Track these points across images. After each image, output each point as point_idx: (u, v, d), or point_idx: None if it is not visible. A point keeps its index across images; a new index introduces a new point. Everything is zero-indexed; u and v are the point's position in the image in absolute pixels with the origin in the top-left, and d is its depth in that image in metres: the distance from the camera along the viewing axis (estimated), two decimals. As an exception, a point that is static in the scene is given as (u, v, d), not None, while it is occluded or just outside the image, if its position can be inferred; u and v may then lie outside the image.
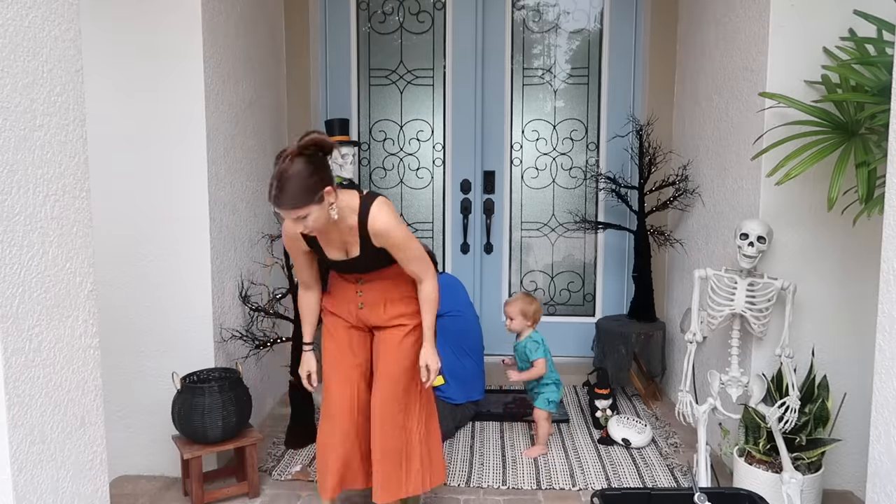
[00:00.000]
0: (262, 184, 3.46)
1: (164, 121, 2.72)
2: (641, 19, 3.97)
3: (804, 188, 2.64)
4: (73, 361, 1.60)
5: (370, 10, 4.07)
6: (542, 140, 4.10)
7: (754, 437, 2.55)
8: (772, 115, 2.64)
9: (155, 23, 2.67)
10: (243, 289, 3.11)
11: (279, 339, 3.13)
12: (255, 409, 3.11)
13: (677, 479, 2.83)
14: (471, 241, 4.14)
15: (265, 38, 3.52)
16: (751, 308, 2.60)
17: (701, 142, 3.41)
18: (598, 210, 4.13)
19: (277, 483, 2.82)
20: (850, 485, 2.72)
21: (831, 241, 2.66)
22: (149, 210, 2.75)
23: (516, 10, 4.03)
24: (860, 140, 2.33)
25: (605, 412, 3.37)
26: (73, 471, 1.61)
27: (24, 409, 1.43)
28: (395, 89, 4.12)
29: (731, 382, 2.65)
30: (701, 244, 3.37)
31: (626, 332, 3.63)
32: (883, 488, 1.78)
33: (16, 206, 1.39)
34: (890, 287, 1.74)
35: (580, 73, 4.06)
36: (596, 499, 2.03)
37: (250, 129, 3.28)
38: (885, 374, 1.77)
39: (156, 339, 2.81)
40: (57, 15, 1.52)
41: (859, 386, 2.64)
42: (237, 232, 3.10)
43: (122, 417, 2.83)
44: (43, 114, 1.48)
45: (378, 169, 4.17)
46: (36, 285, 1.46)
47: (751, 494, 2.09)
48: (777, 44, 2.62)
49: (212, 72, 2.79)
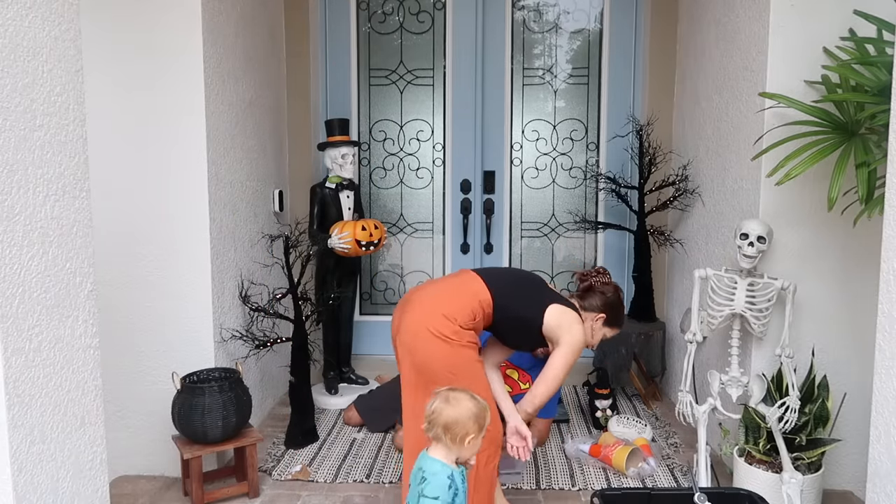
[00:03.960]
0: (262, 184, 3.46)
1: (164, 120, 2.72)
2: (641, 19, 3.97)
3: (804, 188, 2.64)
4: (73, 361, 1.60)
5: (370, 10, 4.07)
6: (542, 140, 4.10)
7: (754, 437, 2.55)
8: (772, 115, 2.64)
9: (154, 22, 2.67)
10: (243, 289, 3.11)
11: (279, 339, 3.13)
12: (255, 409, 3.11)
13: (677, 479, 2.83)
14: (471, 241, 4.14)
15: (265, 38, 3.52)
16: (751, 308, 2.60)
17: (701, 142, 3.41)
18: (598, 210, 4.13)
19: (277, 483, 2.82)
20: (850, 485, 2.72)
21: (831, 241, 2.66)
22: (149, 210, 2.75)
23: (516, 10, 4.03)
24: (860, 140, 2.33)
25: (605, 412, 3.37)
26: (72, 471, 1.61)
27: (24, 409, 1.43)
28: (395, 89, 4.11)
29: (731, 382, 2.65)
30: (701, 244, 3.37)
31: (626, 332, 3.62)
32: (883, 488, 1.78)
33: (16, 206, 1.39)
34: (890, 287, 1.74)
35: (580, 73, 4.06)
36: (596, 499, 2.03)
37: (250, 129, 3.28)
38: (885, 374, 1.77)
39: (156, 339, 2.81)
40: (57, 15, 1.52)
41: (859, 386, 2.64)
42: (237, 232, 3.10)
43: (122, 417, 2.83)
44: (43, 114, 1.48)
45: (378, 169, 4.17)
46: (36, 285, 1.46)
47: (751, 494, 2.09)
48: (777, 44, 2.62)
49: (212, 71, 2.79)
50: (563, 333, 2.31)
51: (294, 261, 3.11)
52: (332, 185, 3.55)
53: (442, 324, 2.18)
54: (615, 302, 2.51)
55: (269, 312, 3.09)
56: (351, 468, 2.94)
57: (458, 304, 2.24)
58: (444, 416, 1.74)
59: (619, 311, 2.53)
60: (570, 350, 2.31)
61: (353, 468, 2.94)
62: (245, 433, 2.71)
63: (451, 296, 2.28)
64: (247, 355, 3.12)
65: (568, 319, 2.33)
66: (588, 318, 2.46)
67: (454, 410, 1.75)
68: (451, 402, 1.76)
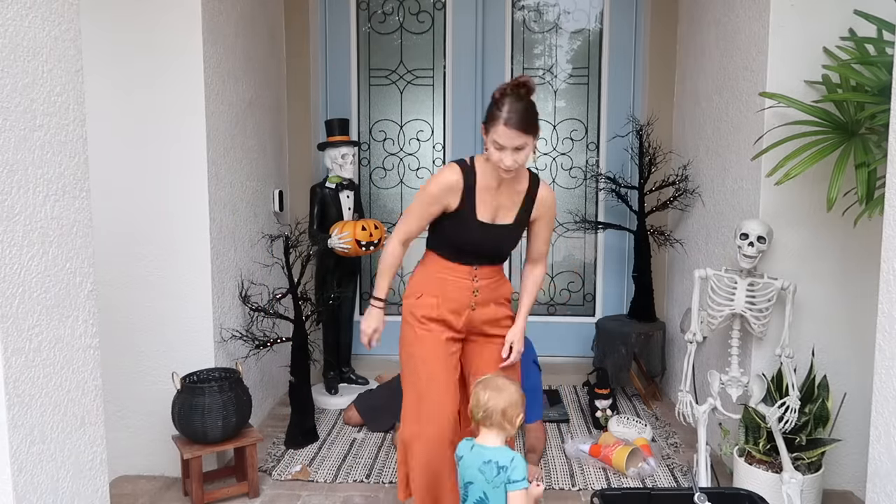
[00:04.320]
0: (262, 184, 3.46)
1: (163, 120, 2.72)
2: (641, 19, 3.97)
3: (804, 188, 2.64)
4: (73, 361, 1.60)
5: (370, 10, 4.07)
6: (542, 140, 4.10)
7: (754, 437, 2.55)
8: (772, 115, 2.64)
9: (154, 22, 2.67)
10: (243, 289, 3.11)
11: (279, 339, 3.13)
12: (255, 409, 3.11)
13: (677, 479, 2.83)
14: (471, 241, 4.13)
15: (265, 38, 3.52)
16: (751, 308, 2.60)
17: (701, 142, 3.41)
18: (598, 210, 4.13)
19: (277, 483, 2.82)
20: (850, 485, 2.72)
21: (831, 241, 2.66)
22: (149, 210, 2.75)
23: (516, 10, 4.03)
24: (860, 140, 2.33)
25: (605, 412, 3.37)
26: (72, 471, 1.61)
27: (24, 409, 1.43)
28: (395, 89, 4.11)
29: (731, 382, 2.65)
30: (701, 244, 3.37)
31: (626, 332, 3.62)
32: (883, 488, 1.78)
33: (16, 206, 1.39)
34: (890, 287, 1.74)
35: (580, 73, 4.06)
36: (596, 499, 2.03)
37: (250, 129, 3.28)
38: (885, 374, 1.77)
39: (156, 339, 2.81)
40: (57, 15, 1.52)
41: (859, 386, 2.64)
42: (237, 232, 3.10)
43: (122, 417, 2.83)
44: (43, 114, 1.48)
45: (378, 169, 4.17)
46: (36, 285, 1.46)
47: (751, 494, 2.09)
48: (777, 44, 2.62)
49: (212, 71, 2.79)
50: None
51: (294, 261, 3.12)
52: (332, 185, 3.55)
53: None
54: (495, 96, 2.06)
55: (269, 312, 3.09)
56: (351, 468, 2.94)
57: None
58: (501, 404, 1.87)
59: (493, 104, 2.05)
60: (422, 189, 2.16)
61: (353, 468, 2.94)
62: (245, 433, 2.71)
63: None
64: (247, 355, 3.12)
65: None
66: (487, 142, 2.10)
67: (506, 396, 1.88)
68: (499, 390, 1.89)
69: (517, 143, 2.02)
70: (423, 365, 2.18)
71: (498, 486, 1.83)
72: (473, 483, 1.88)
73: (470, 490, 1.90)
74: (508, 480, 1.82)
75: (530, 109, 2.05)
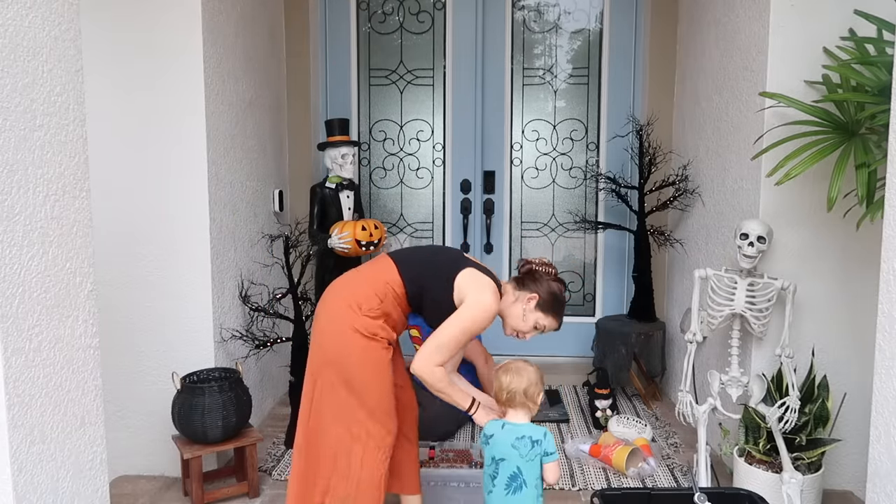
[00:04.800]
0: (262, 184, 3.46)
1: (164, 120, 2.72)
2: (641, 19, 3.97)
3: (804, 188, 2.64)
4: (73, 361, 1.60)
5: (370, 10, 4.07)
6: (542, 140, 4.10)
7: (754, 437, 2.55)
8: (772, 115, 2.64)
9: (154, 22, 2.67)
10: (243, 289, 3.11)
11: (279, 339, 3.13)
12: (255, 409, 3.11)
13: (677, 479, 2.83)
14: (471, 241, 4.14)
15: (265, 38, 3.52)
16: (751, 308, 2.60)
17: (701, 142, 3.41)
18: (598, 210, 4.13)
19: (277, 483, 2.82)
20: (850, 485, 2.72)
21: (831, 241, 2.66)
22: (149, 210, 2.75)
23: (516, 10, 4.03)
24: (860, 140, 2.33)
25: (605, 412, 3.37)
26: (72, 471, 1.61)
27: (24, 409, 1.43)
28: (395, 89, 4.12)
29: (731, 382, 2.65)
30: (701, 244, 3.37)
31: (626, 332, 3.62)
32: (883, 488, 1.78)
33: (16, 206, 1.39)
34: (890, 287, 1.74)
35: (580, 73, 4.06)
36: (596, 499, 2.03)
37: (250, 129, 3.28)
38: (885, 374, 1.77)
39: (156, 339, 2.81)
40: (57, 15, 1.52)
41: (859, 386, 2.64)
42: (237, 232, 3.10)
43: (122, 417, 2.83)
44: (43, 114, 1.48)
45: (378, 169, 4.17)
46: (36, 285, 1.46)
47: (751, 494, 2.09)
48: (777, 44, 2.62)
49: (212, 71, 2.79)
50: (471, 293, 2.08)
51: (294, 261, 3.12)
52: (332, 185, 3.55)
53: (346, 314, 2.07)
54: (555, 290, 2.20)
55: (269, 312, 3.09)
56: (351, 468, 2.94)
57: (364, 291, 2.10)
58: (523, 384, 2.05)
59: (558, 299, 2.20)
60: (471, 312, 2.06)
61: (353, 468, 2.94)
62: (245, 433, 2.71)
63: (359, 283, 2.14)
64: (247, 355, 3.12)
65: (480, 283, 2.10)
66: (521, 297, 2.18)
67: (526, 376, 2.06)
68: (518, 372, 2.07)
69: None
70: (389, 390, 2.14)
71: (532, 459, 2.00)
72: (506, 459, 2.02)
73: (501, 466, 2.03)
74: (545, 453, 2.01)
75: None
